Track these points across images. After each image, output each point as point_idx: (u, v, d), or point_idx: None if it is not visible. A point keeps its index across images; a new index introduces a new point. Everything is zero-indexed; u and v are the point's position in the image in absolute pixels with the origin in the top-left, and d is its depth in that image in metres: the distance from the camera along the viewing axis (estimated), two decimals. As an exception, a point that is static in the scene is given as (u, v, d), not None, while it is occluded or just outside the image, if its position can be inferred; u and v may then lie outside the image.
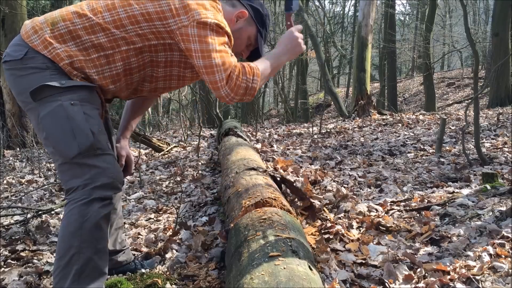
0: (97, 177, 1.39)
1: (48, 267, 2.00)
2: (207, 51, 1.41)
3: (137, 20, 1.44)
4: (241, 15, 1.60)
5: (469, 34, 3.87)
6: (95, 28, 1.43)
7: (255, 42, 1.67)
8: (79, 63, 1.42)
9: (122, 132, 1.87)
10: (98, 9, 1.45)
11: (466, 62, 24.18)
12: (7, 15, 6.62)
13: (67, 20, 1.43)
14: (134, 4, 1.44)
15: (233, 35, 1.58)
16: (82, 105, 1.40)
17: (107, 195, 1.40)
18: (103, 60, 1.45)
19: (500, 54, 9.26)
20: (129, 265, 1.89)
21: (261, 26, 1.66)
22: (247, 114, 10.16)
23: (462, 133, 3.75)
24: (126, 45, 1.46)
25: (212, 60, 1.41)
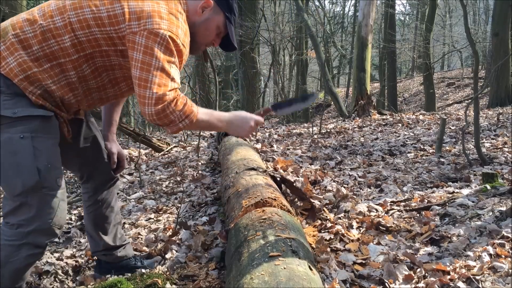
0: (34, 220, 1.33)
1: (48, 267, 2.00)
2: (148, 64, 1.34)
3: (89, 24, 1.37)
4: (206, 5, 1.55)
5: (469, 34, 3.87)
6: (46, 35, 1.37)
7: (225, 29, 1.62)
8: (34, 76, 1.36)
9: (108, 128, 1.85)
10: (49, 13, 1.39)
11: (466, 62, 24.17)
12: (7, 15, 6.62)
13: (18, 29, 1.37)
14: (86, 7, 1.38)
15: (201, 26, 1.55)
16: (33, 137, 1.34)
17: (40, 242, 1.36)
18: (56, 69, 1.39)
19: (500, 54, 9.25)
20: (128, 260, 1.89)
21: (229, 11, 1.60)
22: (247, 114, 10.15)
23: (462, 133, 3.75)
24: (76, 53, 1.40)
25: (149, 75, 1.34)
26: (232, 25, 1.63)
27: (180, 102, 1.40)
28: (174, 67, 1.40)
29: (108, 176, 1.80)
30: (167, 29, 1.37)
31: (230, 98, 12.77)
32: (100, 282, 1.79)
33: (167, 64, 1.37)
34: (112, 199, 1.82)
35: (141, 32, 1.35)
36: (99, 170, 1.76)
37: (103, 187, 1.79)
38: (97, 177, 1.77)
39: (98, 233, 1.80)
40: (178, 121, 1.41)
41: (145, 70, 1.35)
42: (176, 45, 1.39)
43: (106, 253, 1.84)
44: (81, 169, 1.74)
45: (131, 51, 1.37)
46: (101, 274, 1.87)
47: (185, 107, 1.41)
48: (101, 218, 1.79)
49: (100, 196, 1.78)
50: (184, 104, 1.41)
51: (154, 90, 1.34)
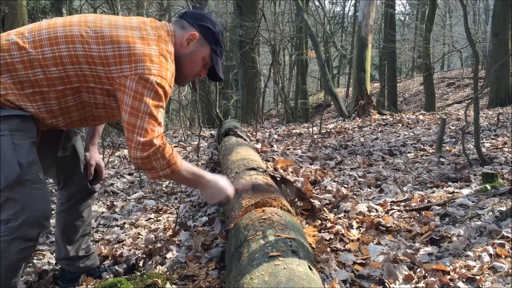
0: (22, 213, 1.35)
1: (47, 267, 2.00)
2: (137, 110, 1.37)
3: (79, 61, 1.39)
4: (191, 37, 1.55)
5: (469, 34, 3.87)
6: (33, 63, 1.37)
7: (211, 61, 1.63)
8: (13, 95, 1.38)
9: (90, 139, 1.86)
10: (40, 42, 1.39)
11: (466, 62, 24.17)
12: (7, 15, 6.62)
13: (5, 52, 1.37)
14: (77, 43, 1.39)
15: (187, 59, 1.57)
16: (13, 135, 1.36)
17: (30, 234, 1.37)
18: (37, 96, 1.41)
19: (500, 54, 9.25)
20: (93, 270, 1.88)
21: (215, 44, 1.61)
22: (247, 114, 10.16)
23: (462, 133, 3.75)
24: (62, 85, 1.41)
25: (137, 121, 1.38)
26: (218, 56, 1.64)
27: (166, 151, 1.44)
28: (161, 112, 1.44)
29: (83, 187, 1.80)
30: (157, 74, 1.39)
31: (230, 98, 12.77)
32: (100, 282, 1.79)
33: (155, 110, 1.40)
34: (84, 210, 1.82)
35: (132, 76, 1.38)
36: (73, 180, 1.77)
37: (77, 197, 1.79)
38: (71, 187, 1.78)
39: (63, 242, 1.80)
40: (160, 169, 1.45)
41: (134, 116, 1.38)
42: (164, 90, 1.43)
43: (69, 263, 1.83)
44: (57, 176, 1.76)
45: (121, 94, 1.40)
46: (64, 283, 1.86)
47: (169, 156, 1.45)
48: (70, 227, 1.80)
49: (73, 205, 1.79)
50: (170, 154, 1.45)
51: (142, 136, 1.39)
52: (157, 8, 12.25)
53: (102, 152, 4.94)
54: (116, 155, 5.49)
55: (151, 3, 12.68)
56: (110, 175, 4.23)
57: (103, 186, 3.73)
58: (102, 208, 3.15)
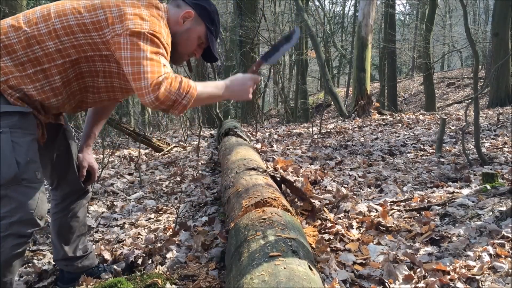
0: (16, 211, 1.36)
1: (47, 267, 2.00)
2: (137, 58, 1.38)
3: (73, 30, 1.42)
4: (187, 15, 1.57)
5: (469, 34, 3.87)
6: (30, 41, 1.40)
7: (206, 40, 1.64)
8: (14, 79, 1.40)
9: (85, 140, 1.86)
10: (34, 20, 1.42)
11: (466, 62, 24.17)
12: (7, 15, 6.62)
13: (2, 35, 1.40)
14: (69, 14, 1.42)
15: (182, 36, 1.57)
16: (12, 132, 1.37)
17: (24, 232, 1.38)
18: (40, 75, 1.42)
19: (500, 54, 9.26)
20: (91, 270, 1.88)
21: (210, 23, 1.62)
22: (247, 114, 10.16)
23: (462, 133, 3.75)
24: (61, 58, 1.43)
25: (140, 67, 1.38)
26: (214, 36, 1.65)
27: (175, 81, 1.42)
28: (162, 58, 1.44)
29: (77, 187, 1.80)
30: (150, 28, 1.42)
31: (230, 98, 12.74)
32: (100, 282, 1.79)
33: (155, 55, 1.41)
34: (79, 210, 1.82)
35: (125, 32, 1.40)
36: (67, 180, 1.77)
37: (71, 197, 1.80)
38: (65, 187, 1.78)
39: (60, 242, 1.81)
40: (181, 99, 1.43)
41: (135, 64, 1.39)
42: (161, 42, 1.44)
43: (67, 263, 1.83)
44: (51, 176, 1.76)
45: (118, 51, 1.41)
46: (63, 284, 1.86)
47: (181, 84, 1.43)
48: (65, 227, 1.80)
49: (67, 205, 1.79)
50: (180, 82, 1.43)
51: (148, 78, 1.38)
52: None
53: (102, 152, 4.94)
54: (116, 155, 5.49)
55: None
56: (110, 175, 4.23)
57: (103, 186, 3.73)
58: (102, 208, 3.15)
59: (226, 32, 14.31)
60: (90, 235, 2.48)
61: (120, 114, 9.77)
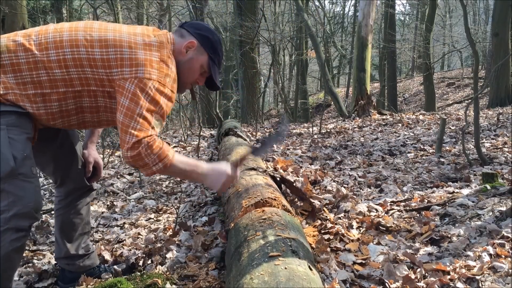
0: (14, 205, 1.38)
1: (47, 267, 2.00)
2: (132, 111, 1.41)
3: (82, 64, 1.44)
4: (190, 45, 1.60)
5: (469, 34, 3.87)
6: (38, 65, 1.42)
7: (208, 69, 1.67)
8: (13, 95, 1.42)
9: (89, 137, 1.88)
10: (45, 44, 1.44)
11: (466, 62, 24.17)
12: (7, 15, 6.62)
13: (12, 52, 1.42)
14: (81, 47, 1.44)
15: (185, 66, 1.60)
16: (9, 129, 1.40)
17: (22, 225, 1.40)
18: (38, 98, 1.45)
19: (500, 54, 9.25)
20: (93, 269, 1.89)
21: (212, 53, 1.65)
22: (247, 114, 10.15)
23: (462, 133, 3.75)
24: (64, 87, 1.45)
25: (131, 121, 1.41)
26: (216, 66, 1.68)
27: (156, 146, 1.44)
28: (156, 117, 1.46)
29: (81, 184, 1.82)
30: (156, 79, 1.44)
31: (230, 98, 12.76)
32: (100, 282, 1.79)
33: (149, 114, 1.43)
34: (82, 207, 1.84)
35: (132, 79, 1.42)
36: (71, 176, 1.79)
37: (75, 193, 1.81)
38: (69, 183, 1.79)
39: (63, 239, 1.81)
40: (152, 165, 1.46)
41: (128, 116, 1.42)
42: (165, 94, 1.46)
43: (68, 262, 1.84)
44: (55, 173, 1.78)
45: (119, 95, 1.44)
46: (64, 284, 1.86)
47: (160, 151, 1.45)
48: (68, 224, 1.81)
49: (71, 202, 1.80)
50: (160, 148, 1.45)
51: (133, 135, 1.41)
52: (157, 8, 12.25)
53: (102, 152, 4.94)
54: (116, 155, 5.48)
55: (151, 3, 12.68)
56: (110, 175, 4.23)
57: (103, 186, 3.73)
58: (102, 208, 3.15)
59: (226, 32, 14.31)
60: (90, 235, 2.48)
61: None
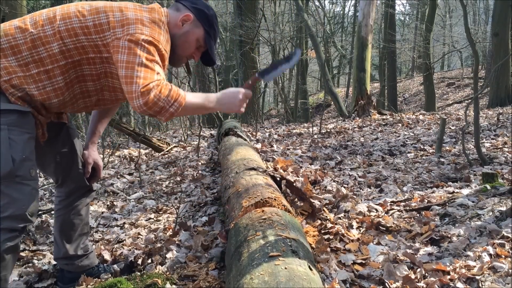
0: (8, 207, 1.38)
1: (47, 267, 2.00)
2: (132, 62, 1.42)
3: (76, 33, 1.46)
4: (186, 18, 1.61)
5: (469, 34, 3.87)
6: (36, 42, 1.44)
7: (204, 43, 1.68)
8: (17, 79, 1.43)
9: (89, 137, 1.89)
10: (40, 22, 1.47)
11: (466, 62, 24.16)
12: (7, 15, 6.61)
13: (10, 35, 1.44)
14: (74, 17, 1.47)
15: (181, 39, 1.61)
16: (10, 130, 1.40)
17: (15, 226, 1.40)
18: (43, 75, 1.46)
19: (500, 54, 9.25)
20: (91, 269, 1.89)
21: (208, 26, 1.66)
22: (247, 114, 10.16)
23: (462, 133, 3.75)
24: (64, 59, 1.47)
25: (134, 71, 1.41)
26: (212, 39, 1.68)
27: (165, 88, 1.45)
28: (157, 66, 1.47)
29: (81, 184, 1.82)
30: (149, 35, 1.46)
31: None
32: (100, 282, 1.79)
33: (150, 62, 1.44)
34: (82, 207, 1.84)
35: (124, 37, 1.44)
36: (72, 176, 1.79)
37: (75, 193, 1.81)
38: (69, 183, 1.80)
39: (62, 240, 1.81)
40: (168, 106, 1.46)
41: (129, 68, 1.42)
42: (158, 49, 1.48)
43: (67, 262, 1.84)
44: (55, 173, 1.78)
45: (116, 54, 1.45)
46: (63, 284, 1.86)
47: (170, 92, 1.46)
48: (68, 224, 1.81)
49: (71, 202, 1.81)
50: (170, 89, 1.46)
51: (140, 84, 1.41)
52: (157, 8, 12.22)
53: (102, 152, 4.94)
54: (116, 155, 5.49)
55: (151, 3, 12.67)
56: (110, 175, 4.23)
57: (103, 186, 3.73)
58: (102, 208, 3.15)
59: (226, 32, 14.31)
60: (90, 235, 2.48)
61: (120, 114, 9.76)
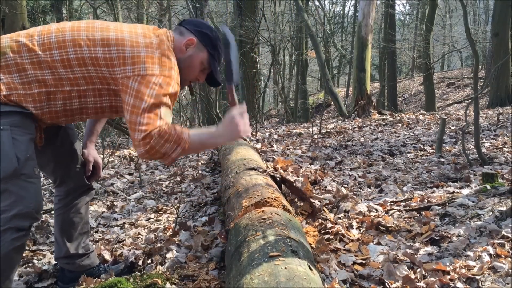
0: (15, 205, 1.39)
1: (47, 267, 2.00)
2: (138, 108, 1.40)
3: (85, 63, 1.45)
4: (189, 42, 1.61)
5: (469, 34, 3.87)
6: (42, 65, 1.43)
7: (209, 66, 1.68)
8: (17, 96, 1.43)
9: (88, 137, 1.89)
10: (48, 45, 1.44)
11: (466, 62, 24.17)
12: (7, 15, 6.61)
13: (16, 53, 1.43)
14: (84, 46, 1.45)
15: (185, 63, 1.61)
16: (13, 130, 1.41)
17: (23, 225, 1.41)
18: (43, 96, 1.46)
19: (500, 54, 9.25)
20: (92, 269, 1.89)
21: (212, 49, 1.66)
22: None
23: (462, 133, 3.75)
24: (70, 86, 1.46)
25: (138, 118, 1.40)
26: (216, 62, 1.68)
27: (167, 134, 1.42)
28: (164, 108, 1.44)
29: (81, 183, 1.82)
30: (160, 74, 1.44)
31: (230, 98, 12.75)
32: (100, 282, 1.79)
33: (155, 107, 1.42)
34: (82, 206, 1.84)
35: (135, 77, 1.42)
36: (71, 175, 1.79)
37: (74, 192, 1.82)
38: (69, 182, 1.80)
39: (63, 239, 1.81)
40: (170, 152, 1.45)
41: (134, 114, 1.41)
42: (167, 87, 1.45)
43: (68, 261, 1.84)
44: (54, 173, 1.78)
45: (124, 94, 1.44)
46: (64, 284, 1.86)
47: (173, 137, 1.43)
48: (68, 223, 1.81)
49: (70, 200, 1.81)
50: (172, 135, 1.43)
51: (142, 131, 1.40)
52: (157, 8, 12.24)
53: (102, 152, 4.94)
54: (116, 155, 5.49)
55: (151, 3, 12.68)
56: (110, 175, 4.23)
57: (103, 186, 3.73)
58: (102, 208, 3.15)
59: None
60: (90, 235, 2.48)
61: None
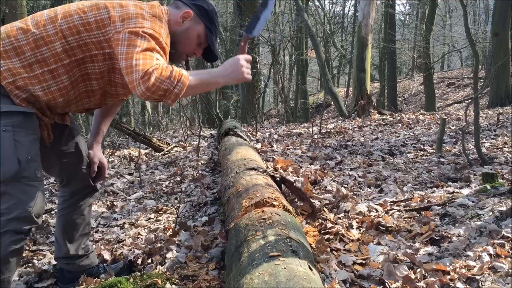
0: (15, 208, 1.38)
1: (47, 267, 2.00)
2: (131, 52, 1.41)
3: (78, 30, 1.46)
4: (186, 15, 1.62)
5: (469, 34, 3.87)
6: (39, 42, 1.45)
7: (206, 39, 1.68)
8: (22, 80, 1.43)
9: (94, 137, 1.89)
10: (42, 22, 1.47)
11: (466, 62, 24.16)
12: (7, 15, 6.61)
13: (12, 37, 1.44)
14: (75, 14, 1.47)
15: (182, 36, 1.61)
16: (15, 131, 1.40)
17: (21, 229, 1.40)
18: (47, 75, 1.46)
19: (500, 54, 9.25)
20: (91, 269, 1.90)
21: (209, 22, 1.66)
22: (247, 114, 10.16)
23: (462, 133, 3.75)
24: (68, 58, 1.48)
25: (133, 60, 1.40)
26: (213, 35, 1.68)
27: (165, 70, 1.42)
28: (157, 54, 1.45)
29: (86, 184, 1.83)
30: (150, 27, 1.46)
31: (230, 98, 12.77)
32: (100, 282, 1.79)
33: (149, 51, 1.43)
34: (85, 208, 1.84)
35: (125, 30, 1.44)
36: (77, 176, 1.79)
37: (79, 193, 1.82)
38: (74, 183, 1.80)
39: (64, 239, 1.82)
40: (172, 88, 1.43)
41: (129, 58, 1.42)
42: (159, 42, 1.47)
43: (68, 262, 1.84)
44: (60, 174, 1.78)
45: (116, 47, 1.45)
46: (63, 284, 1.86)
47: (172, 73, 1.43)
48: (71, 224, 1.81)
49: (74, 202, 1.81)
50: (171, 71, 1.43)
51: (139, 70, 1.39)
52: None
53: (102, 152, 4.94)
54: (116, 155, 5.49)
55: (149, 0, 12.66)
56: (110, 175, 4.23)
57: (103, 186, 3.73)
58: (102, 208, 3.15)
59: (226, 32, 14.30)
60: (90, 235, 2.48)
61: (120, 114, 9.77)
